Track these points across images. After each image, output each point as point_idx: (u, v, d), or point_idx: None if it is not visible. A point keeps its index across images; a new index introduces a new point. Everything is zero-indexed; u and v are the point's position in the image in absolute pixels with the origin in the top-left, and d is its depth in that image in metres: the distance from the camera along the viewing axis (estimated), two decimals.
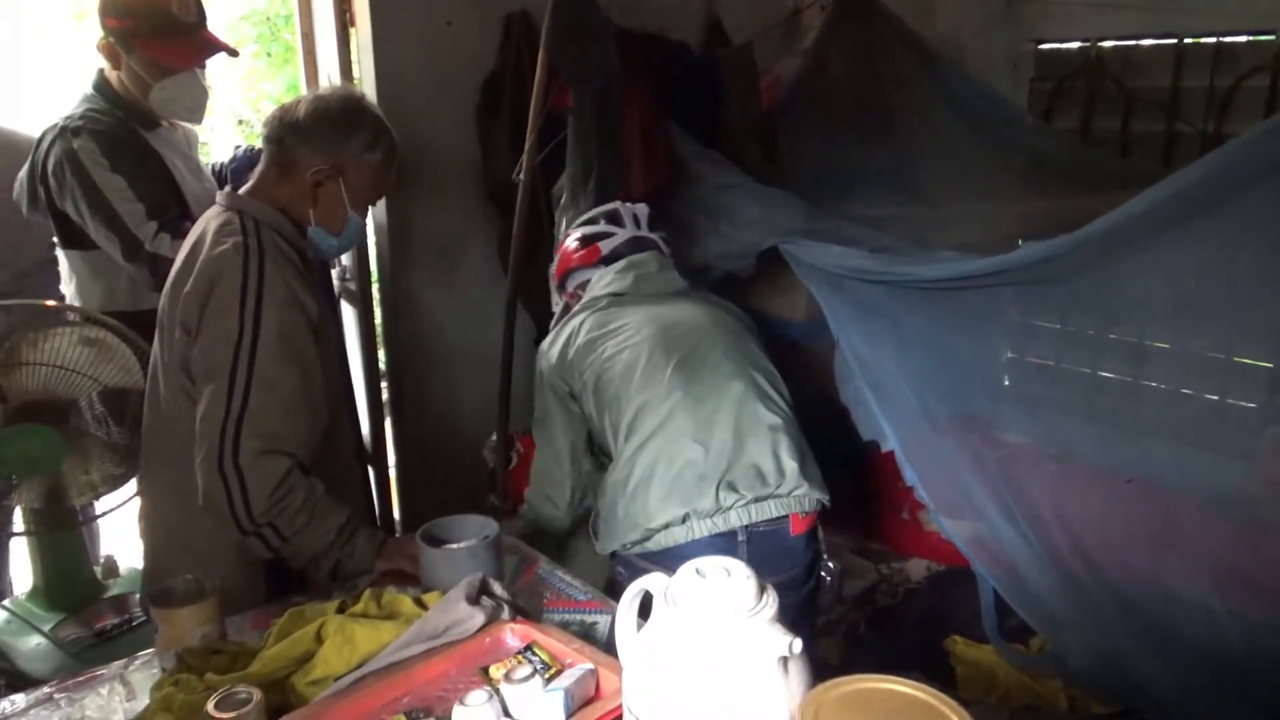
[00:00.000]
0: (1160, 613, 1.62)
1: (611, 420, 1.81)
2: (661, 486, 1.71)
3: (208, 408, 1.52)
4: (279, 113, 1.66)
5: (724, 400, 1.76)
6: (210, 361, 1.53)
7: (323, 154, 1.64)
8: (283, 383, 1.54)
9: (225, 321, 1.52)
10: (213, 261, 1.55)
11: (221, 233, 1.58)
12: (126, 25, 2.11)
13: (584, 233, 2.06)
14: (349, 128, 1.65)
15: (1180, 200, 1.38)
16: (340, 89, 1.74)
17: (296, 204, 1.66)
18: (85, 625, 2.04)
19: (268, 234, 1.61)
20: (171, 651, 1.29)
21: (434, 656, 1.24)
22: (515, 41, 2.61)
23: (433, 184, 2.66)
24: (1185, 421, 1.76)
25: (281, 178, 1.65)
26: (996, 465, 1.92)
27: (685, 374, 1.78)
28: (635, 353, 1.81)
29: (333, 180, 1.65)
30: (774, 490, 1.72)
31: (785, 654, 0.93)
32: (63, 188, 2.12)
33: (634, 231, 2.03)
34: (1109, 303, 1.74)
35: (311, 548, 1.58)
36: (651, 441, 1.74)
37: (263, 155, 1.68)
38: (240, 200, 1.65)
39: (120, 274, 2.21)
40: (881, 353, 1.99)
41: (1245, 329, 1.57)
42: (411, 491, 2.89)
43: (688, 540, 1.70)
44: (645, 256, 1.99)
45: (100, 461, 2.05)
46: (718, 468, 1.70)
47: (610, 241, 2.01)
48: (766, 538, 1.73)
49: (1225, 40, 2.42)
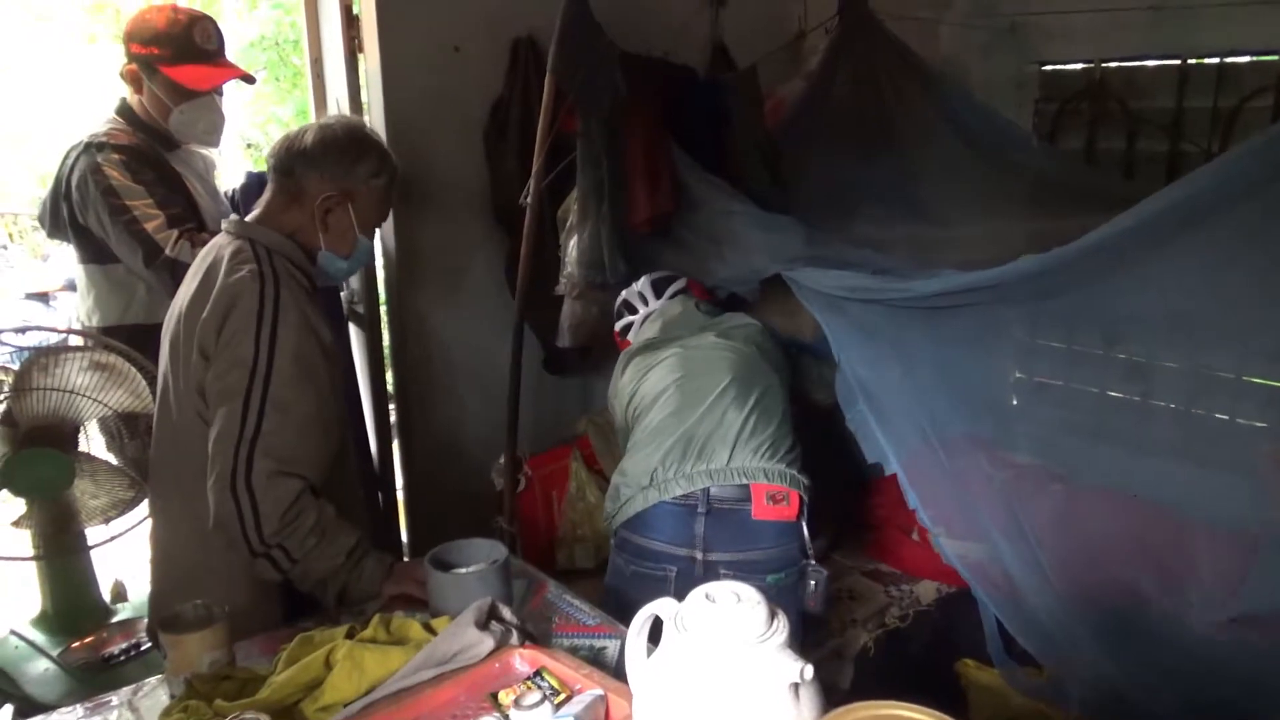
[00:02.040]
0: (1164, 638, 1.60)
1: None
2: (638, 462, 1.93)
3: (222, 428, 1.53)
4: (285, 142, 1.69)
5: (711, 394, 1.94)
6: (225, 384, 1.55)
7: (332, 181, 1.68)
8: (297, 406, 1.56)
9: (241, 346, 1.54)
10: (229, 288, 1.58)
11: (236, 260, 1.62)
12: (152, 52, 2.19)
13: (618, 328, 2.36)
14: (356, 155, 1.69)
15: (1172, 215, 1.39)
16: (344, 118, 1.79)
17: (305, 230, 1.70)
18: (93, 650, 2.03)
19: (280, 261, 1.64)
20: (180, 677, 1.29)
21: (443, 682, 1.24)
22: (522, 66, 2.63)
23: (440, 207, 2.67)
24: (1194, 441, 1.76)
25: (290, 205, 1.69)
26: (1002, 486, 1.92)
27: (685, 380, 1.99)
28: (661, 383, 2.03)
29: (342, 206, 1.70)
30: (741, 465, 1.88)
31: (797, 680, 0.93)
32: (85, 200, 2.17)
33: (645, 309, 2.28)
34: (1108, 319, 1.75)
35: (320, 570, 1.58)
36: (643, 430, 1.97)
37: (269, 183, 1.72)
38: (250, 228, 1.68)
39: (138, 287, 2.26)
40: (884, 375, 2.00)
41: (1246, 346, 1.57)
42: (419, 514, 2.88)
43: (649, 505, 1.90)
44: (666, 306, 2.23)
45: (109, 486, 2.05)
46: (687, 440, 1.90)
47: (635, 330, 2.29)
48: (725, 514, 1.88)
49: (1229, 61, 2.43)
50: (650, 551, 1.92)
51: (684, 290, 2.26)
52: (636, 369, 2.11)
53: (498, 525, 2.50)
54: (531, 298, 2.43)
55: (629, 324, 2.30)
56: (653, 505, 1.90)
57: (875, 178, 2.52)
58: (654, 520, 1.91)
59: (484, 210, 2.72)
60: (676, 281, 2.27)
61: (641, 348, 2.15)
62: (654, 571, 1.91)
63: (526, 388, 2.54)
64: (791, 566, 1.91)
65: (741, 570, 1.86)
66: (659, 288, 2.27)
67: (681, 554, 1.89)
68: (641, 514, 1.91)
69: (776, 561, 1.89)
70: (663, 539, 1.91)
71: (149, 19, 2.19)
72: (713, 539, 1.87)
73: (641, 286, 2.29)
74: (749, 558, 1.88)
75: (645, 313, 2.26)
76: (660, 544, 1.91)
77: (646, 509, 1.90)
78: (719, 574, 1.88)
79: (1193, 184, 1.37)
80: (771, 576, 1.88)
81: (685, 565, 1.89)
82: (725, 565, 1.87)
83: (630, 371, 2.13)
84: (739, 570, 1.86)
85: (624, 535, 1.95)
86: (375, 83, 2.54)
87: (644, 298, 2.28)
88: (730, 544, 1.88)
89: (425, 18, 2.52)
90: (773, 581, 1.88)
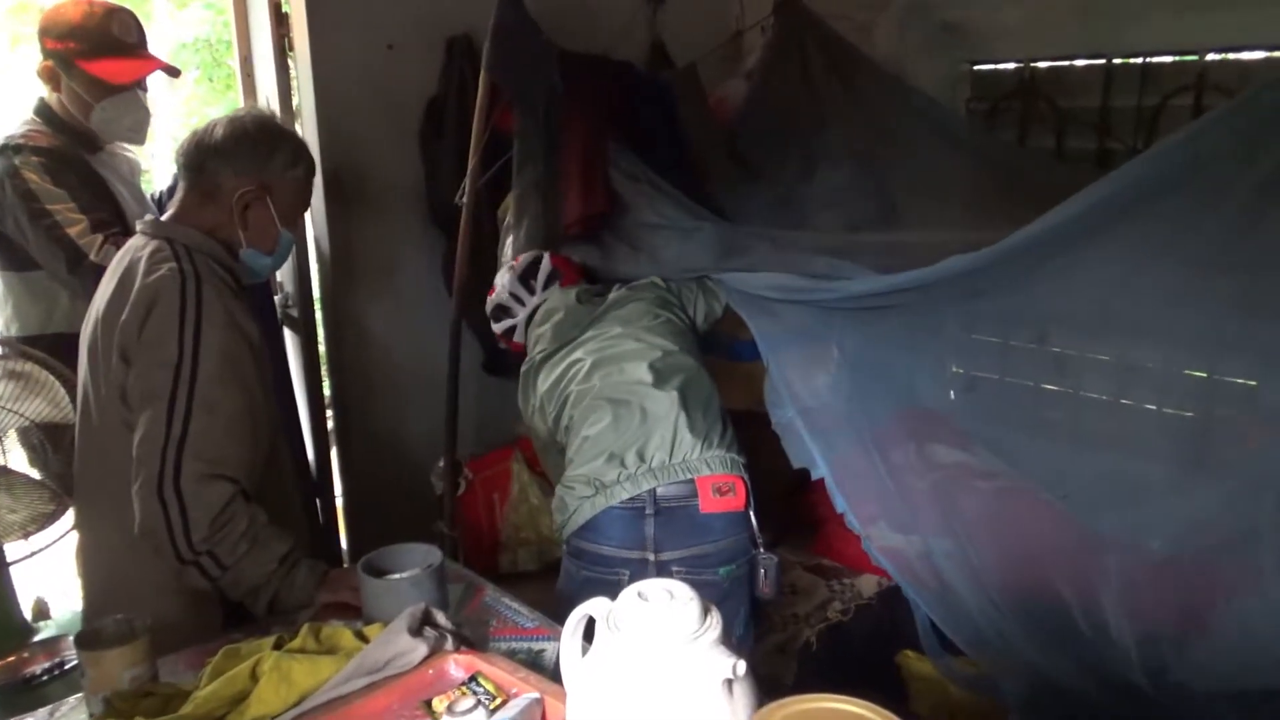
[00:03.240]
0: (1092, 641, 1.63)
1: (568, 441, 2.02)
2: (581, 472, 1.90)
3: (146, 431, 1.49)
4: (195, 138, 1.64)
5: (636, 395, 1.92)
6: (148, 386, 1.50)
7: (248, 175, 1.63)
8: (224, 405, 1.52)
9: (164, 346, 1.50)
10: (148, 288, 1.53)
11: (154, 259, 1.57)
12: (68, 46, 2.11)
13: (499, 330, 2.27)
14: (270, 147, 1.65)
15: (1099, 210, 1.41)
16: (253, 109, 1.74)
17: (224, 227, 1.65)
18: (14, 671, 1.95)
19: (201, 259, 1.60)
20: (99, 695, 1.24)
21: (375, 691, 1.21)
22: (458, 64, 2.61)
23: (376, 207, 2.63)
24: (1125, 433, 1.79)
25: (206, 202, 1.64)
26: (934, 484, 1.94)
27: (606, 387, 1.96)
28: (584, 396, 1.99)
29: (260, 201, 1.65)
30: (683, 458, 1.87)
31: (729, 676, 0.92)
32: (3, 205, 2.09)
33: (525, 310, 2.21)
34: (1039, 314, 1.77)
35: (251, 578, 1.54)
36: (580, 441, 1.94)
37: (181, 182, 1.66)
38: (167, 227, 1.63)
39: (59, 295, 2.18)
40: (814, 377, 2.01)
41: (1173, 337, 1.61)
42: (359, 521, 2.83)
43: (597, 512, 1.87)
44: (545, 309, 2.15)
45: (28, 499, 1.97)
46: (625, 443, 1.88)
47: (519, 330, 2.23)
48: (673, 512, 1.86)
49: (1151, 60, 2.49)
50: (602, 557, 1.91)
51: (552, 277, 2.19)
52: (548, 383, 2.06)
53: (439, 529, 2.47)
54: (470, 298, 2.40)
55: (511, 327, 2.23)
56: (601, 512, 1.88)
57: (821, 176, 2.53)
58: (604, 525, 1.89)
59: (420, 210, 2.69)
60: (542, 267, 2.19)
61: (542, 361, 2.10)
62: (606, 576, 1.90)
63: (466, 389, 2.51)
64: (743, 557, 1.90)
65: (694, 566, 1.86)
66: (526, 279, 2.20)
67: (634, 557, 1.88)
68: (590, 521, 1.90)
69: (728, 553, 1.89)
70: (613, 543, 1.90)
71: (63, 13, 2.11)
72: (663, 538, 1.87)
73: (511, 286, 2.21)
74: (700, 552, 1.87)
75: (529, 309, 2.19)
76: (611, 548, 1.90)
77: (595, 515, 1.89)
78: (672, 572, 1.87)
79: (1117, 180, 1.40)
80: (724, 569, 1.88)
81: (638, 567, 1.88)
82: (678, 563, 1.87)
83: (541, 386, 2.08)
84: (691, 566, 1.86)
85: (575, 543, 1.94)
86: (306, 82, 2.50)
87: (517, 298, 2.21)
88: (680, 541, 1.87)
89: (357, 15, 2.48)
90: (725, 574, 1.88)
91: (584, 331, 2.06)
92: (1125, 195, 1.41)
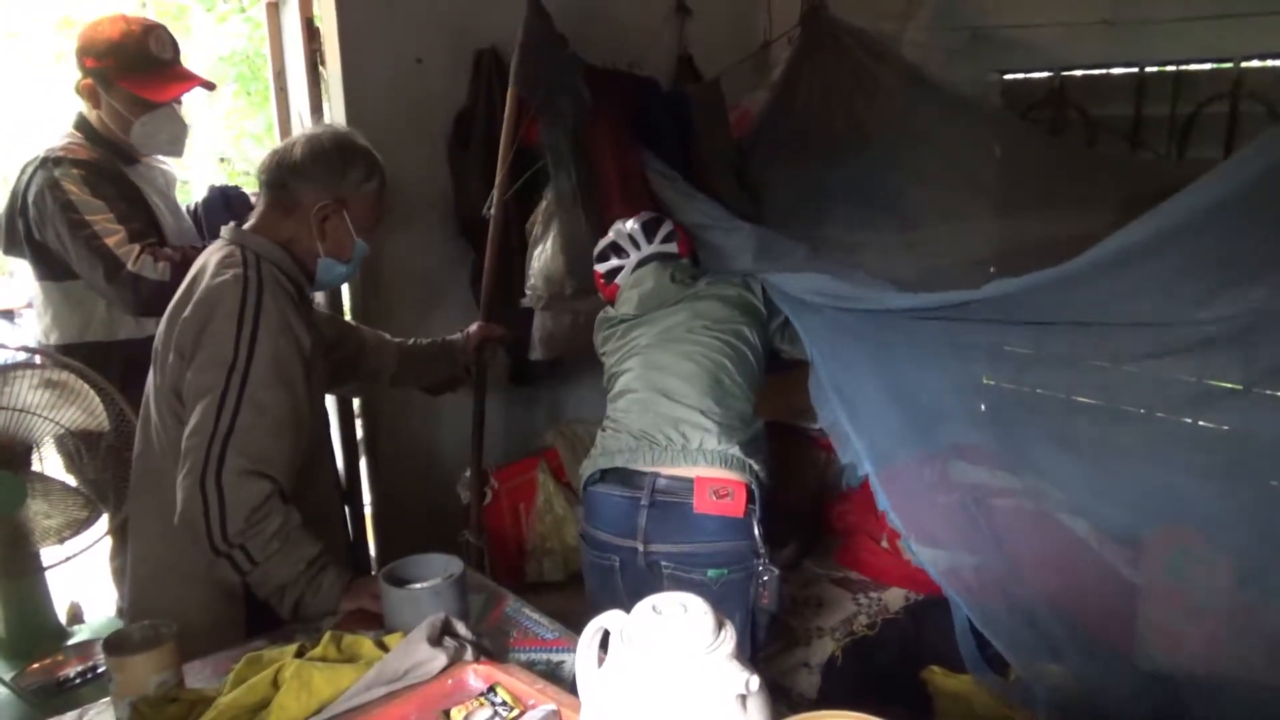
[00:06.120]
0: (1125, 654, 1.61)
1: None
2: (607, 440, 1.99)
3: (196, 424, 1.56)
4: (276, 157, 1.73)
5: (672, 399, 1.96)
6: (203, 381, 1.58)
7: (325, 190, 1.72)
8: (272, 407, 1.59)
9: (221, 346, 1.58)
10: (213, 290, 1.62)
11: (223, 264, 1.66)
12: (107, 65, 2.17)
13: (601, 270, 2.21)
14: (345, 164, 1.74)
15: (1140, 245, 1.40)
16: (330, 128, 1.82)
17: (300, 239, 1.74)
18: (48, 674, 1.98)
19: (268, 267, 1.68)
20: (126, 701, 1.26)
21: (394, 700, 1.22)
22: (486, 78, 2.62)
23: (404, 220, 2.65)
24: (1159, 444, 1.77)
25: (285, 216, 1.74)
26: (973, 494, 1.92)
27: (650, 379, 2.01)
28: (631, 377, 2.05)
29: (337, 214, 1.75)
30: (681, 446, 1.90)
31: (743, 691, 0.92)
32: (43, 216, 2.14)
33: (637, 254, 2.15)
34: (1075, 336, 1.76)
35: (279, 576, 1.59)
36: (614, 411, 2.03)
37: (262, 197, 1.76)
38: (243, 235, 1.72)
39: (97, 304, 2.23)
40: (859, 376, 2.00)
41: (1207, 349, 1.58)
42: (387, 529, 2.85)
43: (593, 484, 1.98)
44: (643, 273, 2.12)
45: (64, 506, 2.01)
46: (649, 441, 1.93)
47: (624, 274, 2.16)
48: (668, 506, 1.89)
49: (1185, 69, 2.46)
50: (598, 541, 1.98)
51: (670, 236, 2.17)
52: (613, 344, 2.13)
53: (464, 539, 2.48)
54: (497, 309, 2.42)
55: (616, 268, 2.17)
56: (601, 491, 1.96)
57: (844, 181, 2.52)
58: (602, 510, 1.96)
59: (449, 222, 2.70)
60: (664, 225, 2.17)
61: (618, 321, 2.14)
62: (601, 561, 1.97)
63: (493, 400, 2.53)
64: (737, 564, 1.89)
65: (682, 562, 1.89)
66: (649, 230, 2.17)
67: (625, 545, 1.93)
68: (593, 502, 1.97)
69: (720, 556, 1.89)
70: (608, 530, 1.95)
71: (102, 31, 2.16)
72: (653, 531, 1.89)
73: (632, 229, 2.17)
74: (689, 549, 1.89)
75: (642, 254, 2.15)
76: (605, 534, 1.96)
77: (596, 495, 1.97)
78: (660, 565, 1.90)
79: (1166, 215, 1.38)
80: (713, 571, 1.88)
81: (628, 555, 1.92)
82: (666, 557, 1.89)
83: (610, 344, 2.14)
84: (679, 563, 1.89)
85: (582, 524, 2.03)
86: (337, 95, 2.52)
87: (635, 241, 2.16)
88: (670, 536, 1.89)
89: (387, 30, 2.50)
90: (715, 576, 1.88)
91: (663, 313, 2.07)
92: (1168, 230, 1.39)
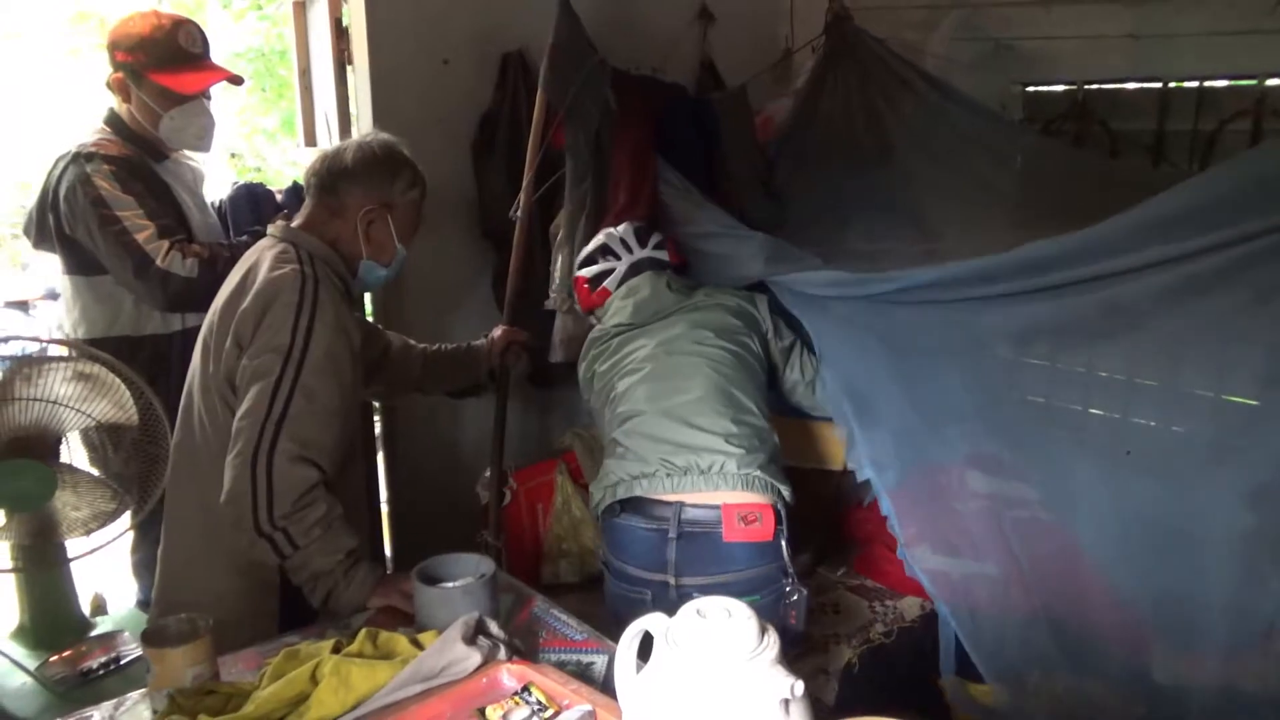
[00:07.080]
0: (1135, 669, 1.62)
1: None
2: (617, 468, 1.93)
3: (249, 407, 1.62)
4: (327, 161, 1.81)
5: (685, 413, 1.92)
6: (258, 367, 1.64)
7: (373, 195, 1.80)
8: (323, 397, 1.65)
9: (278, 335, 1.64)
10: (272, 282, 1.68)
11: (280, 259, 1.72)
12: (138, 58, 2.20)
13: (588, 275, 2.18)
14: (393, 171, 1.82)
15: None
16: (379, 136, 1.88)
17: (346, 240, 1.81)
18: (72, 664, 2.00)
19: (320, 265, 1.75)
20: (163, 692, 1.27)
21: (430, 697, 1.23)
22: (512, 80, 2.64)
23: (428, 221, 2.61)
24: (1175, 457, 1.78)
25: (332, 217, 1.80)
26: (987, 503, 1.93)
27: (657, 394, 1.96)
28: (634, 394, 2.00)
29: (382, 219, 1.81)
30: (702, 470, 1.86)
31: (787, 696, 0.93)
32: (74, 211, 2.16)
33: (630, 257, 2.14)
34: (1094, 342, 1.77)
35: (317, 565, 1.63)
36: (621, 436, 1.97)
37: (310, 198, 1.83)
38: (294, 233, 1.79)
39: (125, 299, 2.25)
40: (872, 375, 2.00)
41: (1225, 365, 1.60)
42: (404, 528, 2.87)
43: (613, 516, 1.92)
44: (638, 281, 2.11)
45: (91, 497, 2.03)
46: (664, 464, 1.88)
47: (614, 277, 2.14)
48: (697, 538, 1.85)
49: (1208, 85, 2.47)
50: (626, 574, 1.92)
51: (661, 244, 2.16)
52: (608, 362, 2.07)
53: (483, 539, 2.49)
54: (519, 311, 2.43)
55: (605, 271, 2.15)
56: (623, 524, 1.91)
57: (866, 190, 2.53)
58: (627, 544, 1.91)
59: (472, 224, 2.72)
60: (654, 235, 2.17)
61: (611, 334, 2.10)
62: (630, 594, 1.90)
63: (512, 401, 2.54)
64: (769, 588, 1.85)
65: (715, 593, 1.80)
66: (641, 235, 2.16)
67: (655, 579, 1.87)
68: (617, 535, 1.92)
69: (753, 583, 1.84)
70: (636, 564, 1.90)
71: (132, 26, 2.19)
72: (684, 564, 1.84)
73: (623, 232, 2.17)
74: (722, 581, 1.83)
75: (634, 258, 2.13)
76: (634, 568, 1.90)
77: (619, 527, 1.92)
78: (692, 598, 1.85)
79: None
80: (747, 599, 1.84)
81: (659, 589, 1.86)
82: (699, 589, 1.81)
83: (602, 363, 2.09)
84: (712, 594, 1.82)
85: (606, 555, 1.97)
86: (364, 95, 2.54)
87: (626, 244, 2.15)
88: (701, 568, 1.85)
89: (415, 31, 2.52)
90: (749, 603, 1.86)
91: (661, 324, 2.06)
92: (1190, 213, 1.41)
